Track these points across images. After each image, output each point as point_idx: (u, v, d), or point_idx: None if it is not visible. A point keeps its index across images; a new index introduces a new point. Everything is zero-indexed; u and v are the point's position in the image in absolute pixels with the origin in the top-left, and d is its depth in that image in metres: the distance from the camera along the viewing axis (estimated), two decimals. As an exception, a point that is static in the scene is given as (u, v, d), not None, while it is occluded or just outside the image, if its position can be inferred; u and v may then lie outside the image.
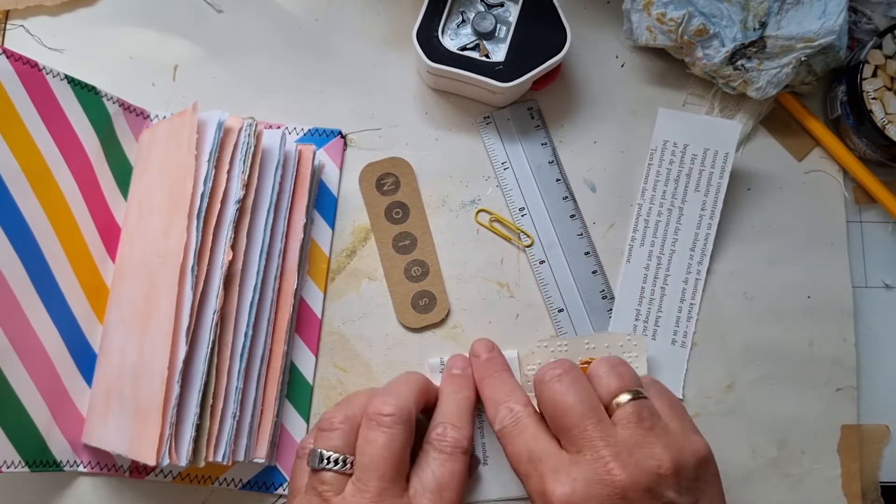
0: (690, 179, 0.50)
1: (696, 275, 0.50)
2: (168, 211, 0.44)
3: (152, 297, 0.43)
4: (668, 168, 0.51)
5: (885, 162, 0.51)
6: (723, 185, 0.50)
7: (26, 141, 0.44)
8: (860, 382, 0.50)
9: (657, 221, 0.50)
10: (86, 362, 0.47)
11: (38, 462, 0.43)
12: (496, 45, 0.49)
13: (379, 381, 0.49)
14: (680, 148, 0.50)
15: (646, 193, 0.51)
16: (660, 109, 0.51)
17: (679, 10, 0.49)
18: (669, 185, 0.51)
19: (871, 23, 0.53)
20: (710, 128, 0.51)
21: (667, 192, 0.51)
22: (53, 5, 0.53)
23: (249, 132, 0.45)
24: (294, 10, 0.54)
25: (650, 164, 0.51)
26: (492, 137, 0.52)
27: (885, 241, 0.52)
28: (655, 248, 0.50)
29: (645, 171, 0.51)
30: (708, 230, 0.50)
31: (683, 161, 0.51)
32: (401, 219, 0.51)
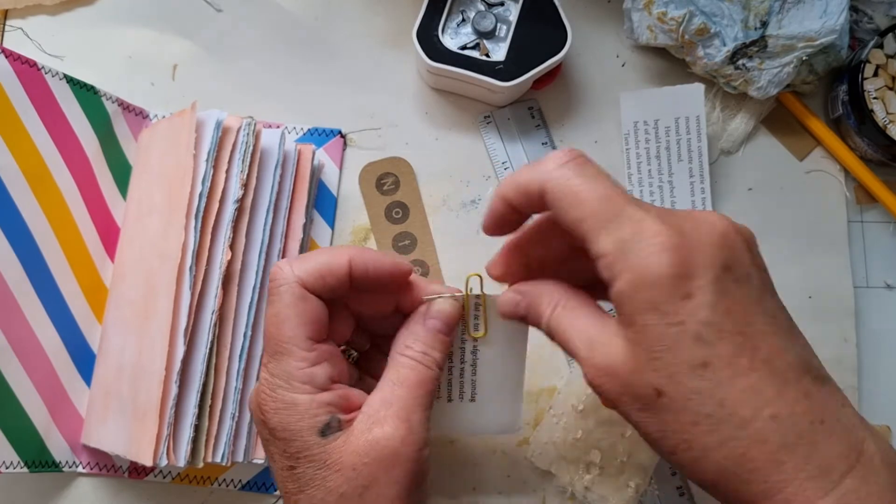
0: (671, 152, 0.50)
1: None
2: (167, 211, 0.44)
3: (151, 297, 0.43)
4: (645, 147, 0.51)
5: (887, 162, 0.51)
6: (703, 147, 0.50)
7: (25, 141, 0.44)
8: (861, 383, 0.50)
9: (651, 201, 0.50)
10: (85, 362, 0.46)
11: (37, 462, 0.43)
12: (496, 44, 0.49)
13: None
14: (651, 125, 0.50)
15: (632, 178, 0.51)
16: (621, 94, 0.51)
17: (680, 10, 0.49)
18: (652, 163, 0.50)
19: (873, 22, 0.53)
20: (674, 97, 0.50)
21: (651, 170, 0.50)
22: (52, 5, 0.52)
23: (248, 131, 0.45)
24: (294, 10, 0.54)
25: (627, 149, 0.51)
26: (492, 137, 0.52)
27: (886, 241, 0.52)
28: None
29: (624, 156, 0.51)
30: (703, 194, 0.50)
31: (659, 136, 0.50)
32: (401, 219, 0.51)
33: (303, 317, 0.33)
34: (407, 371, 0.34)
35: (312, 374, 0.33)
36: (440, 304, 0.36)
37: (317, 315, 0.34)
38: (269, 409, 0.33)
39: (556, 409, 0.48)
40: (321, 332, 0.34)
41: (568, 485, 0.47)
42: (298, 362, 0.33)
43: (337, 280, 0.34)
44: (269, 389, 0.33)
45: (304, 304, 0.33)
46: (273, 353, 0.33)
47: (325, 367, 0.33)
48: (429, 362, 0.34)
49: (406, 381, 0.34)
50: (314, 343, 0.34)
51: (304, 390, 0.33)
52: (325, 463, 0.32)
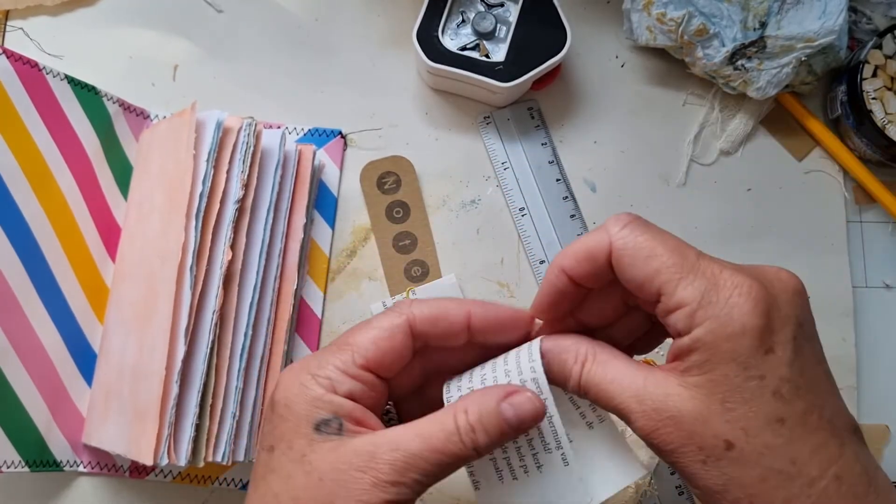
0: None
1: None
2: (167, 211, 0.44)
3: (152, 297, 0.43)
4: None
5: (885, 162, 0.51)
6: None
7: (26, 141, 0.44)
8: (860, 382, 0.50)
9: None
10: (86, 362, 0.46)
11: (38, 462, 0.43)
12: (496, 44, 0.49)
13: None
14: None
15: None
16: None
17: (679, 10, 0.49)
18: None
19: (871, 23, 0.53)
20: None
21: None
22: (53, 5, 0.53)
23: (249, 132, 0.45)
24: (294, 10, 0.54)
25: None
26: (492, 137, 0.52)
27: (885, 241, 0.52)
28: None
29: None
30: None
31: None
32: (401, 218, 0.51)
33: (382, 342, 0.32)
34: (440, 432, 0.30)
35: (342, 380, 0.31)
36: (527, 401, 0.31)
37: (394, 353, 0.32)
38: (284, 382, 0.32)
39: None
40: (385, 367, 0.32)
41: (568, 484, 0.47)
42: (340, 363, 0.32)
43: (451, 327, 0.33)
44: (298, 366, 0.32)
45: (394, 335, 0.32)
46: (336, 344, 0.33)
47: (354, 386, 0.31)
48: (469, 440, 0.30)
49: (430, 441, 0.30)
50: (366, 367, 0.32)
51: (324, 384, 0.31)
52: (303, 458, 0.30)
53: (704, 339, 0.28)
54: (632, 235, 0.30)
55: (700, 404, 0.28)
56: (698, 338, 0.28)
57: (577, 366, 0.31)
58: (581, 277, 0.32)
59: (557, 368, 0.32)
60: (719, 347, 0.28)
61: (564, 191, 0.51)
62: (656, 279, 0.29)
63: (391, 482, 0.29)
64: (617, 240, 0.30)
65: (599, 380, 0.31)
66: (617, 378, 0.30)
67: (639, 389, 0.30)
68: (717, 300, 0.28)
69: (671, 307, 0.29)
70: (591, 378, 0.31)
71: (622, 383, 0.30)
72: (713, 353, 0.28)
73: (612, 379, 0.30)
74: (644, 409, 0.29)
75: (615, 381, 0.30)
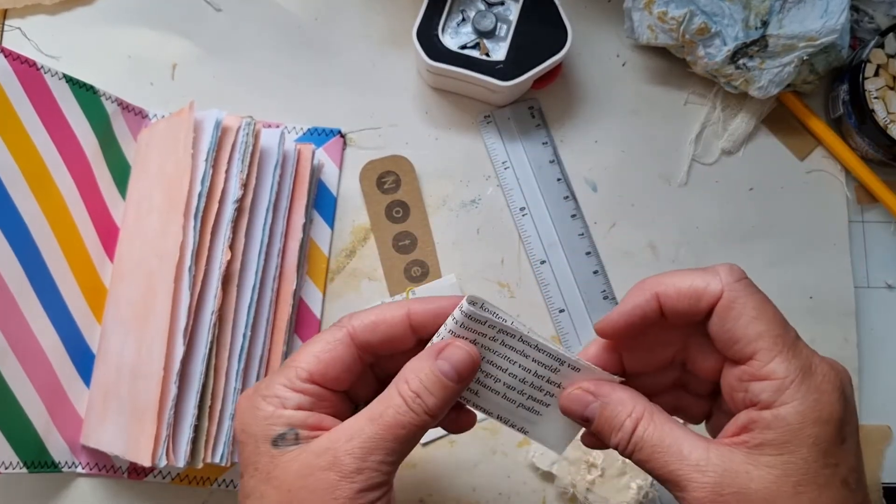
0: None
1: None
2: (166, 211, 0.44)
3: (151, 298, 0.43)
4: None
5: (887, 161, 0.51)
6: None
7: (24, 141, 0.44)
8: (862, 383, 0.50)
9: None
10: (84, 363, 0.46)
11: (36, 463, 0.43)
12: (497, 43, 0.49)
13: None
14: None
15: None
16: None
17: (680, 9, 0.48)
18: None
19: (873, 22, 0.53)
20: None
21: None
22: (52, 4, 0.52)
23: (248, 131, 0.45)
24: (293, 9, 0.53)
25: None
26: (492, 137, 0.52)
27: (887, 241, 0.52)
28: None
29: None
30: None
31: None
32: (401, 218, 0.51)
33: (323, 355, 0.33)
34: (388, 409, 0.31)
35: (288, 396, 0.32)
36: (457, 349, 0.32)
37: (338, 364, 0.33)
38: (240, 408, 0.33)
39: (557, 409, 0.48)
40: (330, 379, 0.33)
41: (569, 486, 0.47)
42: (284, 380, 0.32)
43: (391, 329, 0.33)
44: (249, 392, 0.33)
45: (336, 347, 0.33)
46: (282, 365, 0.34)
47: (302, 400, 0.32)
48: (418, 407, 0.31)
49: (382, 421, 0.31)
50: (311, 381, 0.33)
51: (273, 402, 0.32)
52: (269, 475, 0.31)
53: (790, 420, 0.28)
54: (746, 291, 0.30)
55: (771, 485, 0.28)
56: (782, 416, 0.28)
57: (631, 422, 0.31)
58: (674, 312, 0.31)
59: (607, 420, 0.31)
60: (804, 431, 0.28)
61: (565, 190, 0.51)
62: (757, 343, 0.29)
63: (356, 470, 0.30)
64: (731, 290, 0.30)
65: (657, 441, 0.30)
66: (676, 444, 0.30)
67: (700, 459, 0.29)
68: (809, 384, 0.28)
69: (761, 375, 0.29)
70: (647, 438, 0.30)
71: (682, 450, 0.29)
72: (796, 435, 0.28)
73: (670, 444, 0.30)
74: (706, 482, 0.28)
75: (674, 447, 0.30)
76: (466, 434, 0.48)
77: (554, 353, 0.33)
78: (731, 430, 0.30)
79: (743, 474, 0.28)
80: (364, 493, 0.30)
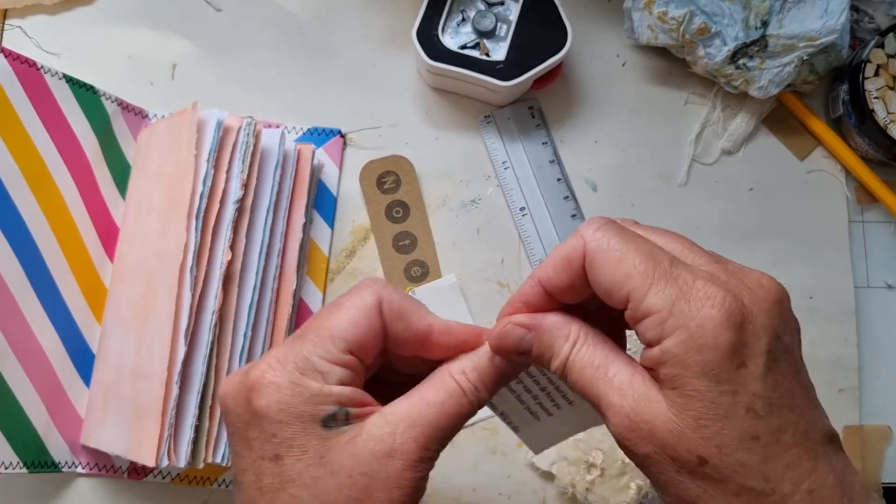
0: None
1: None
2: (166, 211, 0.44)
3: (151, 298, 0.43)
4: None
5: (888, 161, 0.51)
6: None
7: (24, 141, 0.44)
8: (862, 383, 0.50)
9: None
10: (84, 363, 0.46)
11: (36, 463, 0.43)
12: (497, 43, 0.49)
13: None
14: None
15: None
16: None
17: (680, 9, 0.48)
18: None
19: (873, 22, 0.53)
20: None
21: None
22: (51, 4, 0.52)
23: (248, 131, 0.45)
24: (293, 9, 0.53)
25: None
26: (492, 137, 0.52)
27: (887, 241, 0.52)
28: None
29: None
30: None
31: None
32: (401, 218, 0.51)
33: (359, 322, 0.30)
34: (450, 398, 0.30)
35: (330, 370, 0.29)
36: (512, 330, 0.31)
37: (374, 333, 0.30)
38: (267, 383, 0.29)
39: (557, 409, 0.48)
40: (365, 350, 0.30)
41: (569, 486, 0.47)
42: (324, 352, 0.29)
43: (408, 328, 0.31)
44: (275, 363, 0.29)
45: (369, 315, 0.30)
46: (302, 335, 0.30)
47: (344, 374, 0.30)
48: (473, 398, 0.30)
49: (443, 407, 0.30)
50: (349, 351, 0.30)
51: (316, 377, 0.29)
52: (322, 459, 0.29)
53: (674, 352, 0.26)
54: (605, 238, 0.28)
55: (675, 418, 0.27)
56: (667, 349, 0.27)
57: (567, 345, 0.29)
58: (558, 289, 0.30)
59: (545, 344, 0.30)
60: (689, 360, 0.26)
61: (565, 190, 0.51)
62: (626, 284, 0.27)
63: (420, 459, 0.29)
64: (590, 241, 0.28)
65: (586, 363, 0.29)
66: (604, 365, 0.29)
67: (623, 382, 0.28)
68: (687, 310, 0.26)
69: (639, 315, 0.27)
70: (577, 359, 0.29)
71: (608, 372, 0.28)
72: (686, 366, 0.26)
73: (599, 365, 0.29)
74: (622, 407, 0.28)
75: (602, 368, 0.28)
76: (466, 434, 0.48)
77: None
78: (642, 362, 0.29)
79: (655, 403, 0.27)
80: (423, 480, 0.29)
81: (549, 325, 0.30)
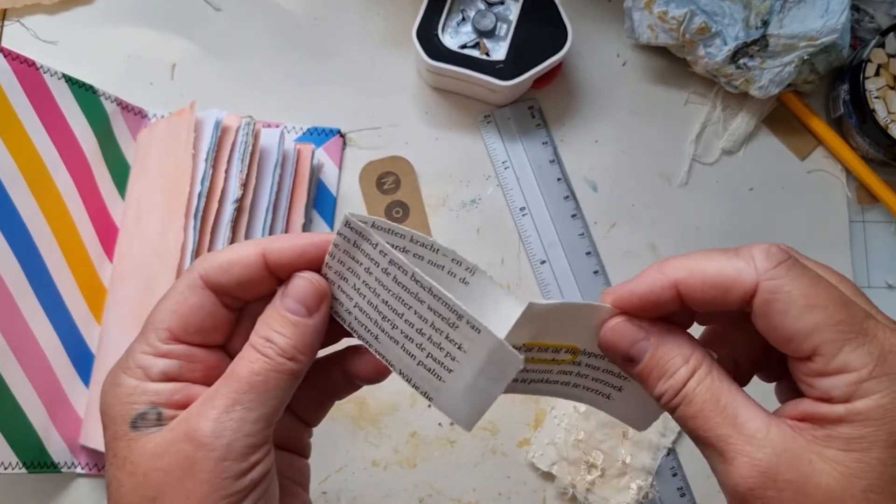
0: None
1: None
2: (166, 210, 0.44)
3: (150, 298, 0.43)
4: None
5: (888, 161, 0.51)
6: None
7: (24, 140, 0.44)
8: (863, 383, 0.49)
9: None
10: (83, 363, 0.46)
11: (35, 463, 0.43)
12: (497, 43, 0.49)
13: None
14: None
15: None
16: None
17: (681, 9, 0.48)
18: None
19: (874, 21, 0.53)
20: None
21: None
22: (51, 4, 0.52)
23: (247, 131, 0.45)
24: (293, 9, 0.53)
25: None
26: (492, 136, 0.52)
27: (888, 241, 0.52)
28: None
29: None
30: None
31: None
32: (401, 218, 0.51)
33: (179, 306, 0.28)
34: (241, 360, 0.27)
35: (151, 363, 0.27)
36: (297, 279, 0.28)
37: (197, 313, 0.28)
38: (103, 386, 0.28)
39: (558, 409, 0.48)
40: (194, 332, 0.28)
41: (569, 486, 0.47)
42: (144, 346, 0.28)
43: (246, 270, 0.28)
44: (113, 366, 0.28)
45: (189, 295, 0.28)
46: (140, 330, 0.29)
47: (169, 365, 0.28)
48: (270, 350, 0.27)
49: (234, 374, 0.27)
50: (174, 339, 0.28)
51: (135, 374, 0.27)
52: (125, 461, 0.27)
53: (869, 415, 0.24)
54: (789, 276, 0.25)
55: (836, 483, 0.24)
56: (860, 411, 0.24)
57: (686, 370, 0.26)
58: (698, 304, 0.26)
59: (659, 360, 0.27)
60: (883, 429, 0.24)
61: (565, 190, 0.51)
62: (815, 336, 0.24)
63: (213, 434, 0.26)
64: (769, 280, 0.25)
65: (709, 398, 0.26)
66: (732, 406, 0.25)
67: (758, 430, 0.25)
68: (893, 373, 0.24)
69: (829, 371, 0.24)
70: (699, 392, 0.26)
71: (737, 415, 0.25)
72: (874, 433, 0.24)
73: (725, 405, 0.25)
74: (759, 458, 0.24)
75: (729, 409, 0.25)
76: (466, 434, 0.48)
77: (451, 303, 0.26)
78: (792, 412, 0.25)
79: (805, 462, 0.24)
80: (230, 463, 0.25)
81: (670, 341, 0.27)
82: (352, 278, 0.28)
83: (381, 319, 0.28)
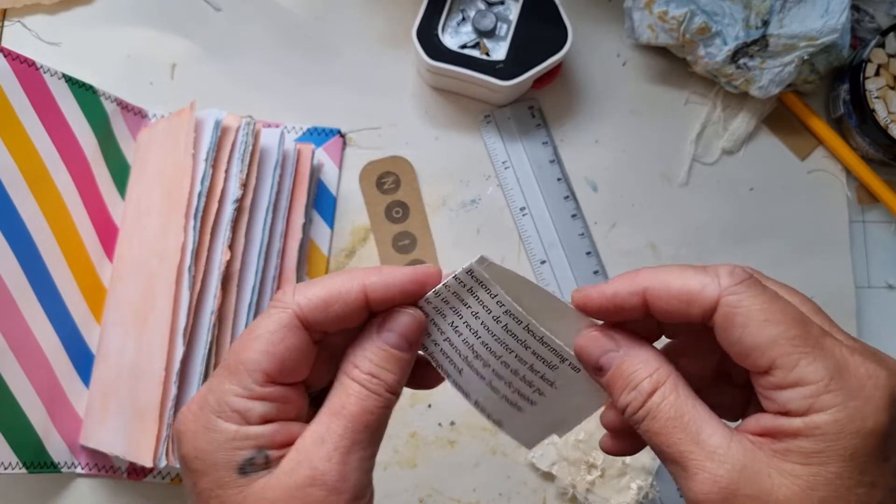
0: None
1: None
2: (165, 211, 0.44)
3: (150, 298, 0.43)
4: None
5: (888, 161, 0.51)
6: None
7: (24, 140, 0.44)
8: (863, 383, 0.49)
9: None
10: (83, 363, 0.46)
11: (35, 463, 0.43)
12: (497, 43, 0.49)
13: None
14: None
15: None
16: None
17: (681, 9, 0.48)
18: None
19: (874, 21, 0.53)
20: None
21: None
22: (51, 4, 0.52)
23: (247, 131, 0.45)
24: (293, 9, 0.53)
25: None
26: (492, 136, 0.52)
27: (888, 241, 0.52)
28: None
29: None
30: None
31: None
32: (401, 218, 0.51)
33: (275, 347, 0.27)
34: (350, 399, 0.27)
35: (249, 407, 0.27)
36: (400, 315, 0.28)
37: (293, 354, 0.28)
38: (187, 430, 0.27)
39: (557, 409, 0.48)
40: (288, 373, 0.28)
41: (569, 486, 0.46)
42: (240, 389, 0.27)
43: (346, 308, 0.28)
44: (196, 407, 0.28)
45: (286, 335, 0.27)
46: (224, 368, 0.28)
47: (266, 408, 0.27)
48: (377, 387, 0.28)
49: (346, 412, 0.27)
50: (270, 381, 0.28)
51: (233, 419, 0.27)
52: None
53: (826, 429, 0.24)
54: (749, 293, 0.26)
55: (793, 496, 0.24)
56: (817, 424, 0.24)
57: (650, 383, 0.27)
58: (662, 314, 0.27)
59: (625, 372, 0.28)
60: (839, 442, 0.24)
61: (565, 190, 0.51)
62: (772, 350, 0.25)
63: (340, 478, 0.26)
64: (730, 295, 0.26)
65: (673, 414, 0.26)
66: (695, 422, 0.26)
67: (719, 446, 0.25)
68: (848, 387, 0.24)
69: (787, 384, 0.25)
70: (663, 407, 0.26)
71: (700, 431, 0.26)
72: (830, 446, 0.24)
73: (688, 421, 0.26)
74: (720, 475, 0.25)
75: (692, 425, 0.26)
76: (466, 434, 0.48)
77: (559, 349, 0.29)
78: (753, 427, 0.26)
79: (765, 477, 0.24)
80: (358, 500, 0.27)
81: (638, 354, 0.28)
82: (451, 316, 0.29)
83: (473, 357, 0.30)
